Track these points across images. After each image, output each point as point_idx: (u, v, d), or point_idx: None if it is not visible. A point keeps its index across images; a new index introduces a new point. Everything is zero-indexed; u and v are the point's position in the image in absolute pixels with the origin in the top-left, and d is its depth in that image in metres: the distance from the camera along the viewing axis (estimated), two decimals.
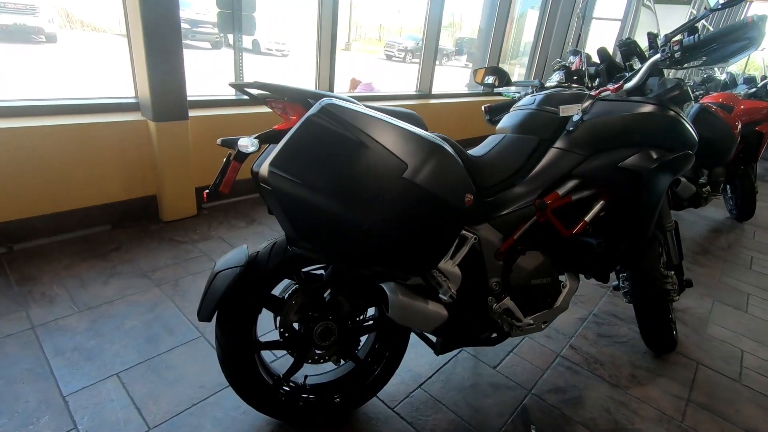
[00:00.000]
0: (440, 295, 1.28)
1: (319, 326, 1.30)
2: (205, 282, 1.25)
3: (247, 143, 1.08)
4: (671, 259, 1.85)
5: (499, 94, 1.92)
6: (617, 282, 1.94)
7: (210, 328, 1.79)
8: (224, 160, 1.15)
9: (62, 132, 2.25)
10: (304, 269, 1.28)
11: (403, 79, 11.02)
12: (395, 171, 0.93)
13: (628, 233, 1.52)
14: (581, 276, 1.59)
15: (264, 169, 0.97)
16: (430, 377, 1.66)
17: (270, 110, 1.22)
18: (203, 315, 1.18)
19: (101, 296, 1.92)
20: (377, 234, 0.93)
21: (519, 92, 1.82)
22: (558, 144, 1.47)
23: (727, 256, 3.14)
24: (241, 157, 1.13)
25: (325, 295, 1.33)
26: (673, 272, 1.82)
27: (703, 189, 3.15)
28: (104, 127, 2.39)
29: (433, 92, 4.73)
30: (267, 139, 1.12)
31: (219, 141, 1.16)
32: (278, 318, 1.31)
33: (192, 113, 2.68)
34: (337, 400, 1.37)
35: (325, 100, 1.00)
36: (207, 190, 1.18)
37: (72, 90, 6.54)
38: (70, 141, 2.29)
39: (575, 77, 1.87)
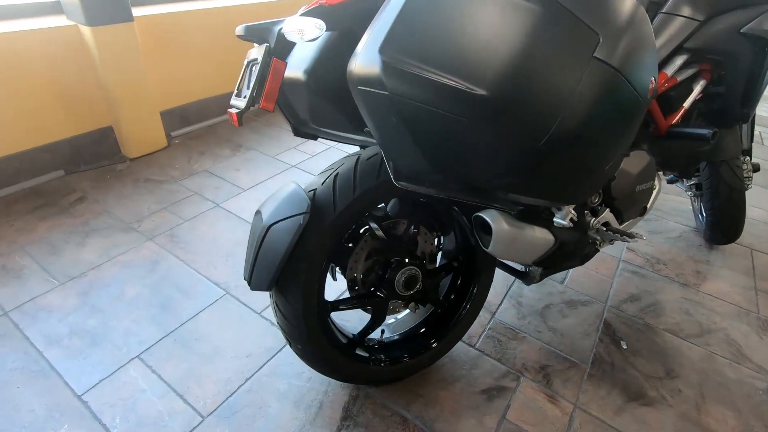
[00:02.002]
0: (557, 219, 1.03)
1: (402, 273, 1.03)
2: (247, 238, 0.91)
3: (303, 26, 0.68)
4: (743, 143, 1.66)
5: None
6: (672, 176, 1.77)
7: (235, 281, 1.48)
8: (252, 61, 0.75)
9: None
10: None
11: None
12: (585, 47, 0.59)
13: (731, 115, 1.28)
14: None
15: (369, 63, 0.59)
16: (499, 305, 1.48)
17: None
18: (260, 283, 0.87)
19: (83, 261, 1.53)
20: (559, 146, 0.61)
21: None
22: (667, 7, 1.14)
23: None
24: (283, 51, 0.73)
25: (400, 234, 1.04)
26: (747, 157, 1.64)
27: None
28: (19, 38, 1.76)
29: None
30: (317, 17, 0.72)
31: (240, 29, 0.75)
32: (348, 270, 1.02)
33: (137, 11, 2.05)
34: (422, 352, 1.16)
35: None
36: (236, 109, 0.80)
37: None
38: None
39: None
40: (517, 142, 0.59)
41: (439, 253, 1.19)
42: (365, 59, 0.60)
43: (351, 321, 1.37)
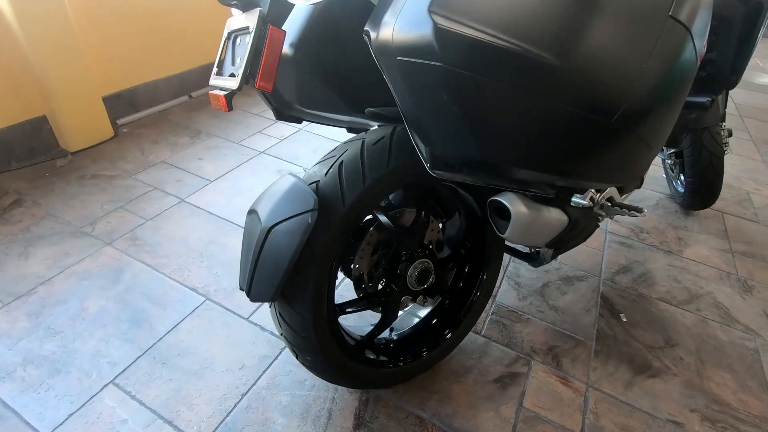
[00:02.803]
0: (576, 199, 0.97)
1: (414, 268, 0.94)
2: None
3: None
4: (721, 110, 1.69)
5: None
6: None
7: (215, 285, 1.33)
8: (237, 31, 0.62)
9: None
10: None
11: None
12: (661, 4, 0.50)
13: (720, 82, 1.28)
14: None
15: (415, 26, 0.48)
16: (499, 287, 1.44)
17: None
18: (263, 294, 0.75)
19: (29, 276, 1.32)
20: (631, 123, 0.53)
21: None
22: None
23: None
24: (278, 17, 0.60)
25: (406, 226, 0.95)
26: (723, 123, 1.67)
27: None
28: None
29: None
30: None
31: None
32: (353, 268, 0.92)
33: None
34: (436, 346, 1.09)
35: None
36: (223, 91, 0.66)
37: None
38: None
39: None
40: (587, 121, 0.50)
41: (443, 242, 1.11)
42: (408, 22, 0.48)
43: (347, 320, 1.27)
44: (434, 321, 1.12)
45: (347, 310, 0.95)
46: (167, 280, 1.34)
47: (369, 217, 0.94)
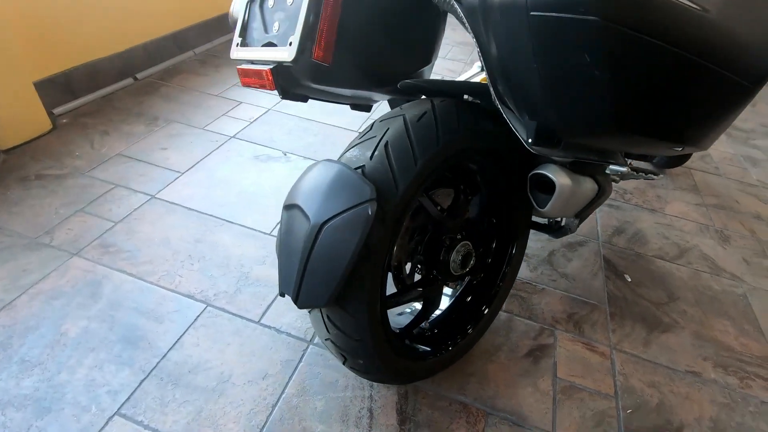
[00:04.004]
0: (615, 167, 0.95)
1: (458, 252, 0.88)
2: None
3: None
4: None
5: None
6: None
7: (213, 289, 1.20)
8: None
9: None
10: None
11: None
12: None
13: None
14: None
15: None
16: None
17: None
18: (315, 299, 0.66)
19: None
20: (760, 84, 0.49)
21: None
22: None
23: None
24: None
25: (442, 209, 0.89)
26: None
27: None
28: None
29: None
30: None
31: None
32: (392, 258, 0.85)
33: None
34: (473, 326, 1.05)
35: None
36: (266, 65, 0.54)
37: None
38: None
39: None
40: (733, 84, 0.46)
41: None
42: None
43: None
44: (468, 299, 1.07)
45: (392, 305, 0.87)
46: (157, 289, 1.18)
47: None
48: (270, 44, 0.60)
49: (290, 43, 0.55)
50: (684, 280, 1.44)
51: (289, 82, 0.88)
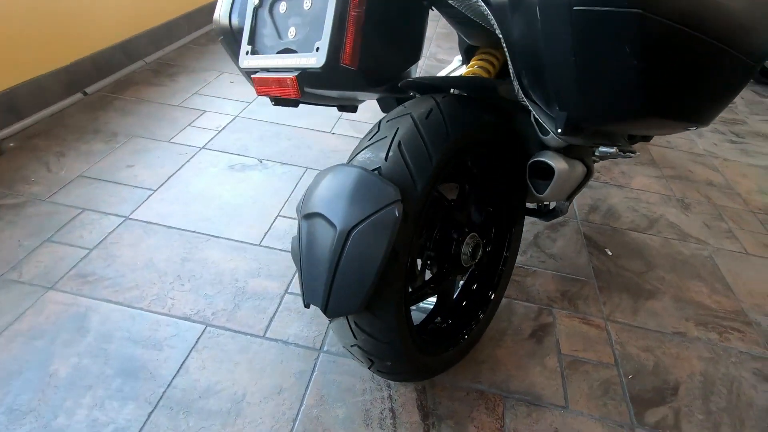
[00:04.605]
0: (603, 149, 0.99)
1: (467, 245, 0.90)
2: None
3: None
4: None
5: None
6: None
7: (211, 307, 1.15)
8: None
9: None
10: None
11: None
12: None
13: None
14: None
15: None
16: None
17: None
18: (347, 307, 0.66)
19: None
20: (760, 63, 0.53)
21: None
22: None
23: None
24: None
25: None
26: None
27: None
28: None
29: None
30: None
31: None
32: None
33: None
34: (482, 313, 1.07)
35: None
36: (289, 72, 0.53)
37: None
38: None
39: None
40: (745, 66, 0.49)
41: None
42: None
43: None
44: (474, 287, 1.10)
45: (413, 302, 0.88)
46: (149, 315, 1.12)
47: None
48: (287, 51, 0.58)
49: (317, 49, 0.53)
50: (657, 249, 1.54)
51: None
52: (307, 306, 0.70)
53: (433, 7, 0.86)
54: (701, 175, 2.01)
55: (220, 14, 0.79)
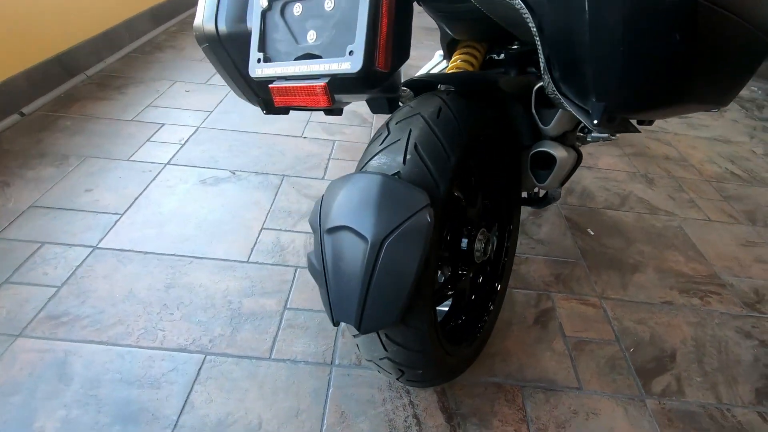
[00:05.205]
0: (595, 134, 1.02)
1: (479, 241, 0.89)
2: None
3: None
4: None
5: None
6: None
7: (208, 335, 1.07)
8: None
9: None
10: None
11: None
12: None
13: None
14: None
15: None
16: None
17: None
18: (382, 320, 0.63)
19: None
20: None
21: None
22: None
23: None
24: None
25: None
26: None
27: None
28: None
29: None
30: None
31: None
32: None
33: None
34: (493, 304, 1.07)
35: None
36: (316, 80, 0.49)
37: None
38: None
39: None
40: (764, 42, 0.51)
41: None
42: None
43: None
44: (480, 280, 1.09)
45: (441, 297, 0.86)
46: (139, 352, 1.03)
47: None
48: (308, 56, 0.53)
49: (350, 53, 0.49)
50: (632, 224, 1.62)
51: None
52: (336, 324, 0.66)
53: (417, 2, 0.84)
54: (658, 150, 2.14)
55: (204, 19, 0.72)
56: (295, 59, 0.54)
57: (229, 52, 0.72)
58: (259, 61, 0.57)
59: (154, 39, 2.78)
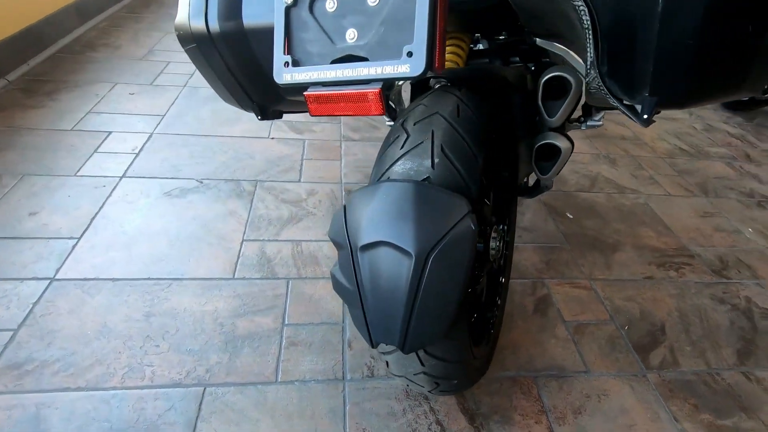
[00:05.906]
0: (591, 122, 1.02)
1: (495, 240, 0.87)
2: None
3: None
4: None
5: None
6: None
7: (203, 364, 0.97)
8: None
9: None
10: None
11: None
12: None
13: None
14: None
15: None
16: None
17: None
18: (430, 337, 0.60)
19: None
20: None
21: None
22: None
23: None
24: None
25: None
26: None
27: None
28: None
29: None
30: None
31: None
32: None
33: None
34: (500, 296, 1.06)
35: None
36: (369, 86, 0.44)
37: None
38: None
39: None
40: None
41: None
42: None
43: None
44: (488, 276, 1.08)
45: (471, 301, 0.83)
46: (127, 394, 0.91)
47: None
48: (349, 58, 0.46)
49: (408, 54, 0.43)
50: (605, 205, 1.69)
51: (270, 99, 0.73)
52: (374, 346, 0.61)
53: None
54: (614, 131, 2.25)
55: (190, 16, 0.63)
56: (332, 62, 0.48)
57: (221, 54, 0.63)
58: (286, 65, 0.49)
59: (83, 36, 2.50)
